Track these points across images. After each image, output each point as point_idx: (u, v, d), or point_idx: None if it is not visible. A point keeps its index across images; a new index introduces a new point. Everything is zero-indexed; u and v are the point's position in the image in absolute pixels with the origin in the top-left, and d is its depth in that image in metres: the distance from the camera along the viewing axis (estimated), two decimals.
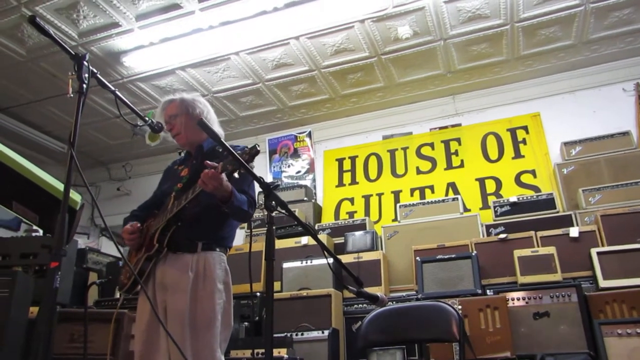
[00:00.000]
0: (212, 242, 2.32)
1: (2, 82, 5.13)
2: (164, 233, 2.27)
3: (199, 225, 2.29)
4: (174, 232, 2.27)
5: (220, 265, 2.30)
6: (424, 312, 2.49)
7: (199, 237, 2.29)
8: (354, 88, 5.40)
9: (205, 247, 2.29)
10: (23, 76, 5.02)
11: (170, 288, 2.21)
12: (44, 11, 4.17)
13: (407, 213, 4.69)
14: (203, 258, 2.26)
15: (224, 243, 2.39)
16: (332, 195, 5.70)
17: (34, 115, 5.75)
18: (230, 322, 2.25)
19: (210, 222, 2.32)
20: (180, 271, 2.22)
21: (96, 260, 4.75)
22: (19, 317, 2.82)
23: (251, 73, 5.08)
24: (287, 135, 6.20)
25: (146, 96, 5.41)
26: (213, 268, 2.25)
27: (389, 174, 5.57)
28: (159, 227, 2.28)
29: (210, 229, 2.32)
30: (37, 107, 5.57)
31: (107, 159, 6.91)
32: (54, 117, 5.77)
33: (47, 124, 5.92)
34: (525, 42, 4.72)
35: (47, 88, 5.17)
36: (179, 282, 2.19)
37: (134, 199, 6.77)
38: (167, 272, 2.25)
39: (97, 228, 6.74)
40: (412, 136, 5.65)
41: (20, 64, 4.83)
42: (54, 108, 5.59)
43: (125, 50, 4.66)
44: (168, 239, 2.26)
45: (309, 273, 4.20)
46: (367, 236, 4.53)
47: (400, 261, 4.35)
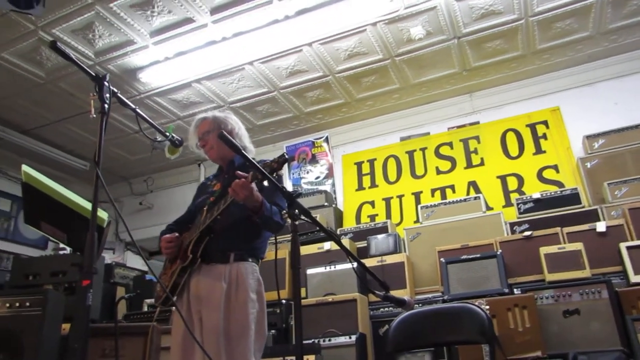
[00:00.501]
0: (244, 252, 2.36)
1: (24, 105, 5.27)
2: (197, 244, 2.33)
3: (231, 237, 2.35)
4: (207, 244, 2.33)
5: (253, 275, 2.34)
6: (452, 314, 2.48)
7: (231, 248, 2.34)
8: (369, 91, 5.41)
9: (238, 258, 2.34)
10: (43, 98, 5.14)
11: (204, 300, 2.25)
12: (61, 33, 4.27)
13: (428, 214, 4.67)
14: (236, 268, 2.31)
15: (256, 254, 2.43)
16: (352, 199, 5.70)
17: (55, 135, 5.87)
18: (264, 331, 2.28)
19: (242, 233, 2.37)
20: (213, 281, 2.27)
21: (123, 274, 4.83)
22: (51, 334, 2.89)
23: (266, 82, 5.12)
24: (304, 142, 6.24)
25: (164, 110, 5.49)
26: (245, 278, 2.29)
27: (408, 175, 5.56)
28: (192, 239, 2.34)
29: (243, 240, 2.38)
30: (57, 127, 5.71)
31: (128, 174, 7.03)
32: (74, 136, 5.90)
33: (68, 143, 6.04)
34: (541, 36, 4.68)
35: (67, 108, 5.29)
36: (213, 292, 2.24)
37: (156, 213, 6.88)
38: (201, 283, 2.30)
39: (122, 243, 6.85)
40: (430, 136, 5.63)
41: (39, 86, 4.95)
42: (74, 127, 5.71)
43: (141, 66, 4.74)
44: (201, 250, 2.32)
45: (333, 278, 4.21)
46: (389, 239, 4.52)
47: (424, 263, 4.34)
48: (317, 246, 4.57)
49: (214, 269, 2.31)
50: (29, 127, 5.68)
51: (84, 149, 6.17)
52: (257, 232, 2.43)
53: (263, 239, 2.49)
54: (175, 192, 6.93)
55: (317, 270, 4.28)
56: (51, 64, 4.64)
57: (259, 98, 5.40)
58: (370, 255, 4.42)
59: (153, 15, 4.15)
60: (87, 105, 5.57)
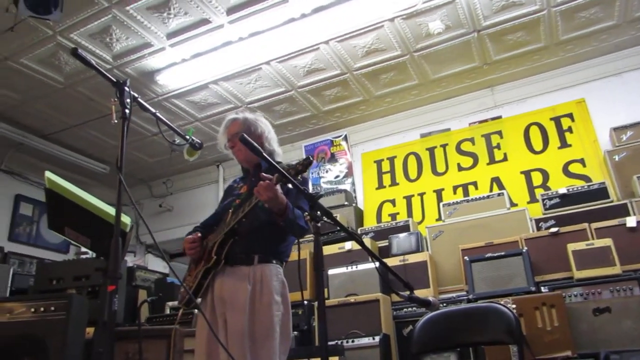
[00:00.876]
0: (268, 255, 2.38)
1: (44, 110, 5.37)
2: (221, 246, 2.35)
3: (255, 240, 2.37)
4: (231, 245, 2.35)
5: (277, 277, 2.36)
6: (478, 314, 2.46)
7: (256, 250, 2.36)
8: (388, 88, 5.39)
9: (262, 260, 2.35)
10: (62, 102, 5.23)
11: (229, 302, 2.27)
12: (79, 38, 4.34)
13: (451, 212, 4.64)
14: (260, 270, 2.32)
15: (280, 256, 2.45)
16: (372, 198, 5.69)
17: (75, 139, 5.97)
18: (289, 334, 2.30)
19: (266, 236, 2.38)
20: (238, 282, 2.29)
21: (144, 277, 4.89)
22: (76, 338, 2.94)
23: (283, 81, 5.14)
24: (323, 141, 6.24)
25: (181, 112, 5.55)
26: (270, 280, 2.31)
27: (429, 172, 5.52)
28: (217, 241, 2.37)
29: (267, 243, 2.39)
30: (77, 131, 5.80)
31: (147, 177, 7.11)
32: (93, 140, 5.99)
33: (87, 146, 6.14)
34: (564, 26, 4.61)
35: (86, 112, 5.38)
36: (237, 294, 2.26)
37: (176, 215, 6.95)
38: (225, 284, 2.32)
39: (143, 245, 6.94)
40: (450, 132, 5.59)
41: (59, 91, 5.04)
42: (93, 131, 5.80)
43: (158, 69, 4.80)
44: (226, 252, 2.34)
45: (355, 278, 4.21)
46: (411, 238, 4.50)
47: (448, 261, 4.31)
48: (338, 246, 4.57)
49: (238, 271, 2.33)
50: (49, 132, 5.79)
51: (103, 152, 6.27)
52: (282, 236, 2.44)
53: (288, 242, 2.50)
54: (194, 193, 7.00)
55: (339, 270, 4.29)
56: (70, 68, 4.72)
57: (276, 98, 5.42)
58: (392, 255, 4.40)
59: (169, 17, 4.19)
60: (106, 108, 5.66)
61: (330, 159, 6.15)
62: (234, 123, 2.66)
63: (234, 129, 2.62)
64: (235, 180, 2.77)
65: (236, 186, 2.68)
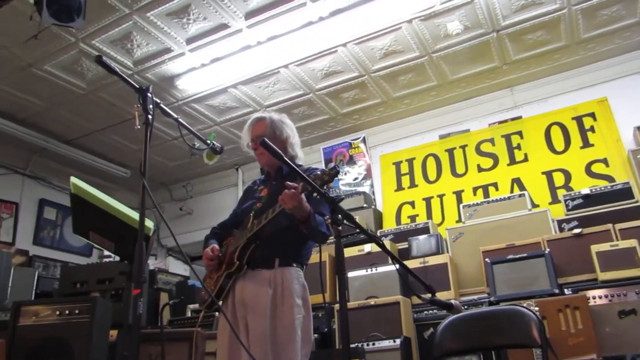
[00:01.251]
0: (289, 258, 2.39)
1: (66, 115, 5.46)
2: (243, 251, 2.37)
3: (276, 244, 2.37)
4: (253, 250, 2.36)
5: (298, 280, 2.37)
6: (501, 317, 2.44)
7: (277, 254, 2.37)
8: (406, 89, 5.38)
9: (283, 263, 2.36)
10: (84, 108, 5.32)
11: (250, 306, 2.29)
12: (100, 44, 4.41)
13: (471, 213, 4.61)
14: (280, 273, 2.33)
15: (301, 260, 2.46)
16: (391, 200, 5.68)
17: (97, 144, 6.07)
18: (310, 337, 2.30)
19: (287, 241, 2.39)
20: (259, 286, 2.30)
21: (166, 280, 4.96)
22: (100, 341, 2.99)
23: (301, 84, 5.15)
24: (341, 143, 6.24)
25: (201, 116, 5.60)
26: (291, 283, 2.32)
27: (448, 174, 5.49)
28: (239, 245, 2.38)
29: (288, 247, 2.40)
30: (99, 136, 5.90)
31: (167, 180, 7.19)
32: (115, 145, 6.08)
33: (109, 151, 6.23)
34: (585, 24, 4.55)
35: (108, 117, 5.47)
36: (259, 298, 2.27)
37: (196, 218, 7.01)
38: (246, 288, 2.33)
39: (164, 248, 7.02)
40: (470, 133, 5.55)
41: (81, 97, 5.12)
42: (115, 136, 5.89)
43: (178, 73, 4.85)
44: (247, 256, 2.35)
45: (375, 281, 4.21)
46: (431, 240, 4.48)
47: (469, 264, 4.28)
48: (357, 249, 4.57)
49: (259, 275, 2.34)
50: (72, 137, 5.89)
51: (125, 157, 6.36)
52: (303, 240, 2.45)
53: (308, 246, 2.51)
54: (214, 197, 7.05)
55: (359, 273, 4.28)
56: (91, 74, 4.79)
57: (294, 101, 5.44)
58: (411, 257, 4.39)
59: (189, 23, 4.24)
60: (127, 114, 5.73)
61: (348, 162, 6.15)
62: (259, 123, 2.62)
63: (258, 130, 2.60)
64: (255, 182, 2.76)
65: (256, 188, 2.67)
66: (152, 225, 1.98)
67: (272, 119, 2.62)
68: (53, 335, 2.99)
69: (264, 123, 2.61)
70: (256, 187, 2.69)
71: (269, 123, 2.60)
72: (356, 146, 6.15)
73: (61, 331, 2.99)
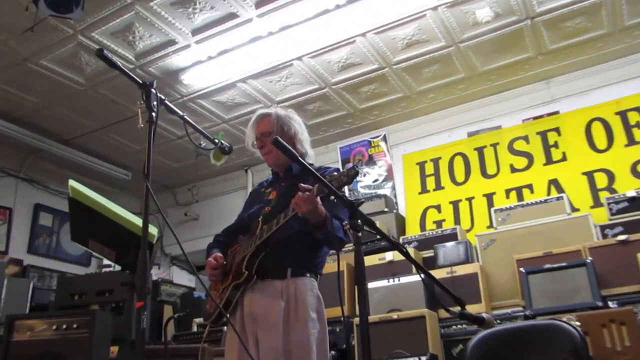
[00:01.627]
0: (302, 267, 2.38)
1: (64, 113, 5.53)
2: (252, 260, 2.35)
3: (288, 251, 2.36)
4: (262, 258, 2.35)
5: (312, 291, 2.35)
6: (538, 332, 2.41)
7: (288, 262, 2.36)
8: (431, 82, 5.36)
9: (295, 273, 2.35)
10: (83, 105, 5.39)
11: (261, 320, 2.28)
12: (100, 36, 4.46)
13: (503, 218, 4.57)
14: (293, 284, 2.32)
15: (315, 269, 2.44)
16: (415, 204, 5.66)
17: (96, 144, 6.14)
18: (326, 353, 2.29)
19: (300, 248, 2.38)
20: (270, 299, 2.29)
21: (170, 292, 4.98)
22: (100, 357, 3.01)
23: (316, 78, 5.16)
24: (360, 142, 6.24)
25: (207, 113, 5.64)
26: (304, 295, 2.31)
27: (478, 175, 5.46)
28: (247, 254, 2.36)
29: (300, 255, 2.39)
30: (98, 136, 5.97)
31: (172, 183, 7.25)
32: (116, 144, 6.15)
33: (109, 152, 6.30)
34: (630, 10, 4.48)
35: (108, 115, 5.53)
36: (270, 311, 2.27)
37: (202, 224, 7.05)
38: (256, 301, 2.33)
39: (168, 257, 7.07)
40: (501, 130, 5.52)
41: (79, 93, 5.19)
42: (115, 135, 5.95)
43: (183, 67, 4.89)
44: (257, 265, 2.34)
45: (397, 292, 4.19)
46: (459, 247, 4.46)
47: (501, 273, 4.25)
48: (378, 257, 4.56)
49: (269, 286, 2.33)
50: (69, 137, 5.96)
51: (126, 158, 6.42)
52: (316, 247, 2.43)
53: (322, 253, 2.49)
54: (221, 200, 7.09)
55: (380, 283, 4.27)
56: (91, 69, 4.86)
57: (309, 96, 5.45)
58: (438, 266, 4.37)
59: (195, 13, 4.27)
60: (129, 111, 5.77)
61: (368, 162, 6.14)
62: (264, 119, 2.62)
63: (264, 126, 2.59)
64: (262, 184, 2.76)
65: (264, 191, 2.67)
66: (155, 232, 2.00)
67: (279, 115, 2.61)
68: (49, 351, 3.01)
69: (270, 119, 2.60)
70: (263, 189, 2.69)
71: (275, 119, 2.59)
72: (376, 145, 6.14)
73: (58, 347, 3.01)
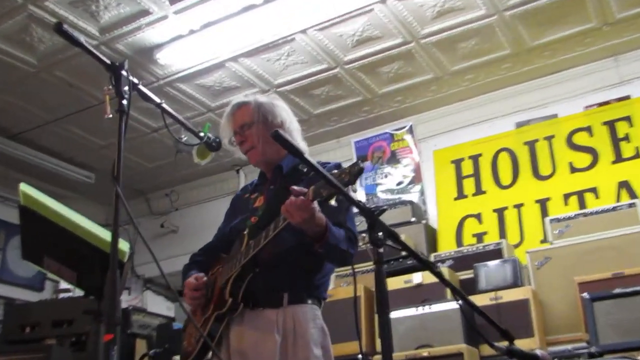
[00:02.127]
0: (301, 292, 2.37)
1: (10, 101, 5.58)
2: (237, 283, 2.33)
3: (283, 271, 2.35)
4: (250, 281, 2.33)
5: (315, 322, 2.34)
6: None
7: (284, 286, 2.34)
8: (468, 60, 5.36)
9: (293, 300, 2.33)
10: (35, 91, 5.43)
11: (252, 358, 2.28)
12: (56, 6, 4.49)
13: (561, 230, 4.56)
14: (291, 314, 2.31)
15: (317, 293, 2.43)
16: (450, 213, 5.66)
17: (51, 139, 6.19)
18: None
19: (297, 267, 2.36)
20: (263, 333, 2.28)
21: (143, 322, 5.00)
22: None
23: (325, 55, 5.18)
24: (380, 134, 6.25)
25: (189, 100, 5.68)
26: (306, 327, 2.29)
27: (529, 175, 5.45)
28: (231, 276, 2.35)
29: (298, 275, 2.37)
30: (53, 129, 6.01)
31: (145, 187, 7.29)
32: (75, 140, 6.19)
33: (67, 148, 6.35)
34: None
35: (65, 103, 5.58)
36: (263, 348, 2.26)
37: (182, 238, 7.07)
38: (246, 336, 2.32)
39: (140, 280, 7.08)
40: (558, 120, 5.51)
41: (30, 77, 5.24)
42: (75, 128, 6.00)
43: (159, 44, 4.92)
44: (244, 290, 2.33)
45: (427, 323, 4.19)
46: (506, 267, 4.45)
47: (558, 300, 4.23)
48: (403, 279, 4.56)
49: (261, 316, 2.32)
50: (17, 131, 6.01)
51: (88, 156, 6.47)
52: (317, 264, 2.41)
53: (325, 272, 2.47)
54: (206, 209, 7.11)
55: (406, 312, 4.26)
56: (44, 46, 4.89)
57: (316, 78, 5.47)
58: (478, 291, 4.36)
59: None
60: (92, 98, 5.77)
61: (390, 160, 6.14)
62: (242, 109, 2.61)
63: (242, 117, 2.59)
64: (246, 188, 2.77)
65: (248, 197, 2.67)
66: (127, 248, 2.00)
67: (259, 102, 2.61)
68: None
69: (249, 108, 2.59)
70: (248, 195, 2.69)
71: (256, 107, 2.59)
72: (400, 138, 6.14)
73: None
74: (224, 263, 2.50)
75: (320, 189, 2.00)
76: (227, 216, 2.75)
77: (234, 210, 2.72)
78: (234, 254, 2.43)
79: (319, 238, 2.19)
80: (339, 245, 2.24)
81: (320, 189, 2.00)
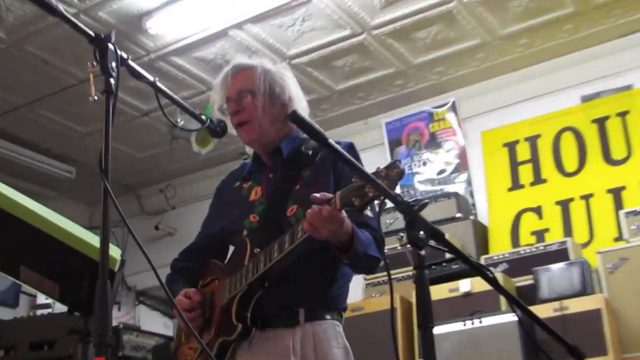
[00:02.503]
0: (318, 305, 2.37)
1: None
2: (244, 303, 2.31)
3: (296, 283, 2.33)
4: (258, 298, 2.31)
5: (337, 341, 2.34)
6: None
7: (299, 301, 2.34)
8: (523, 22, 5.33)
9: (311, 316, 2.33)
10: (4, 70, 5.48)
11: None
12: None
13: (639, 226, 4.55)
14: (310, 333, 2.31)
15: (335, 304, 2.42)
16: (503, 206, 5.66)
17: (23, 128, 6.26)
18: None
19: (312, 276, 2.35)
20: (277, 357, 2.28)
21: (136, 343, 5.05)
22: None
23: (348, 19, 5.17)
24: (416, 113, 6.26)
25: (185, 76, 5.72)
26: (328, 349, 2.30)
27: (599, 160, 5.43)
28: (236, 295, 2.33)
29: (314, 287, 2.36)
30: (26, 115, 6.06)
31: (135, 182, 7.35)
32: (51, 127, 6.26)
33: (42, 138, 6.42)
34: None
35: (38, 83, 5.62)
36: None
37: (180, 241, 6.96)
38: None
39: (132, 292, 7.14)
40: (633, 92, 5.48)
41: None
42: (50, 113, 6.06)
43: (148, 10, 4.94)
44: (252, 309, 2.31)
45: (478, 340, 4.21)
46: (572, 271, 4.45)
47: (636, 310, 4.22)
48: (448, 287, 4.58)
49: (274, 339, 2.31)
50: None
51: (66, 146, 6.54)
52: (335, 272, 2.40)
53: (344, 281, 2.46)
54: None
55: (452, 327, 4.28)
56: (13, 17, 4.93)
57: (337, 46, 5.47)
58: (540, 300, 4.37)
59: None
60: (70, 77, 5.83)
61: (429, 144, 6.14)
62: (244, 73, 2.53)
63: (243, 82, 2.51)
64: (236, 174, 2.73)
65: (239, 186, 2.65)
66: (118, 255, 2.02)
67: (266, 69, 2.54)
68: None
69: (253, 73, 2.51)
70: (238, 183, 2.66)
71: (262, 74, 2.51)
72: (441, 118, 6.14)
73: None
74: (219, 274, 2.49)
75: (353, 195, 1.93)
76: (214, 208, 2.76)
77: (221, 202, 2.72)
78: (235, 264, 2.42)
79: (346, 248, 2.16)
80: (367, 252, 2.22)
81: (352, 195, 1.94)
